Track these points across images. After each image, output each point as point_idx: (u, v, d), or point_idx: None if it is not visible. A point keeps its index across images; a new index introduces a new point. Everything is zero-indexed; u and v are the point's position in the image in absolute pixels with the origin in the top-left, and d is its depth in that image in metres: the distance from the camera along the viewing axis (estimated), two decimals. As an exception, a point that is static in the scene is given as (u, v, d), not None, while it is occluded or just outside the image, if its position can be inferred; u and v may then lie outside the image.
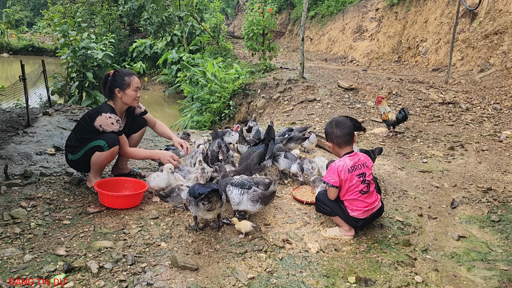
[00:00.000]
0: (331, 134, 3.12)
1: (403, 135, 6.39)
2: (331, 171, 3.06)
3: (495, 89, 8.86)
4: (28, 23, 36.77)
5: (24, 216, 3.16)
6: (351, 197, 3.07)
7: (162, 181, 3.52)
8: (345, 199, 3.11)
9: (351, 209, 3.08)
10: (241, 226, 3.03)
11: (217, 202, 2.90)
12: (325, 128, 3.21)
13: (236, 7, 30.63)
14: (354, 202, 3.07)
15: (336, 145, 3.13)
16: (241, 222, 3.06)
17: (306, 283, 2.54)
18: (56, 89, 9.82)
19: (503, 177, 4.73)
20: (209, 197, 2.82)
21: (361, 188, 3.05)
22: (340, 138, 3.08)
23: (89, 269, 2.52)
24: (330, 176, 3.05)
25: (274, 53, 11.22)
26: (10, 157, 4.44)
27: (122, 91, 3.67)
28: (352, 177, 3.03)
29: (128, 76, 3.69)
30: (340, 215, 3.10)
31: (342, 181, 3.03)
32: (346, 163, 3.04)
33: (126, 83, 3.67)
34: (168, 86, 15.75)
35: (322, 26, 19.67)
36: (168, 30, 15.95)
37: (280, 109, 8.38)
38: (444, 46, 11.91)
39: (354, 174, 3.04)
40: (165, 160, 3.77)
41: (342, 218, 3.11)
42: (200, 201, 2.83)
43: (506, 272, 2.82)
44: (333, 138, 3.11)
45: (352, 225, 3.11)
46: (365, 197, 3.08)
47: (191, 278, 2.51)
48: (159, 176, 3.53)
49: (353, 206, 3.07)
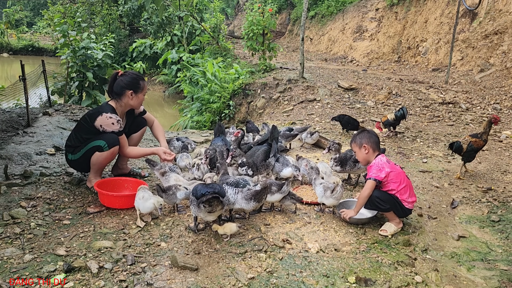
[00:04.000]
0: (370, 138, 3.42)
1: (403, 135, 6.39)
2: (374, 168, 3.30)
3: (495, 89, 8.86)
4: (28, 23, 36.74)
5: (24, 216, 3.16)
6: (403, 186, 3.27)
7: (145, 207, 3.20)
8: (399, 192, 3.28)
9: (406, 203, 3.30)
10: (226, 229, 3.00)
11: (218, 206, 2.89)
12: (358, 135, 3.49)
13: (236, 7, 30.60)
14: (406, 190, 3.29)
15: (371, 149, 3.41)
16: (225, 224, 3.03)
17: (306, 283, 2.54)
18: (56, 89, 9.81)
19: (503, 177, 4.73)
20: (210, 201, 2.82)
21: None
22: (376, 143, 3.42)
23: (89, 269, 2.52)
24: (372, 172, 3.29)
25: (274, 53, 11.22)
26: (10, 157, 4.44)
27: (135, 94, 3.69)
28: (393, 166, 3.33)
29: (142, 81, 3.75)
30: (394, 209, 3.28)
31: (388, 174, 3.26)
32: (382, 159, 3.34)
33: (141, 87, 3.72)
34: (168, 86, 15.75)
35: (322, 26, 19.66)
36: (168, 30, 15.95)
37: (280, 109, 8.38)
38: (444, 46, 11.91)
39: (392, 164, 3.37)
40: (161, 155, 3.78)
41: (395, 212, 3.29)
42: (201, 204, 2.83)
43: (506, 272, 2.82)
44: (372, 142, 3.40)
45: (404, 216, 3.37)
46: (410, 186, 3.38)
47: (191, 278, 2.52)
48: (145, 199, 3.21)
49: (406, 197, 3.29)
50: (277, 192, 3.35)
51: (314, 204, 3.70)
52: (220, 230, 3.01)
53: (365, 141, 3.41)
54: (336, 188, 3.42)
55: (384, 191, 3.30)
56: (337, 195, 3.42)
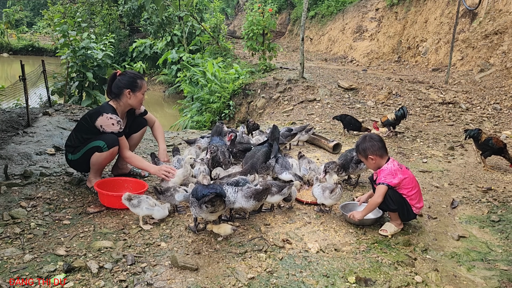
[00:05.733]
0: (373, 147, 3.29)
1: (403, 135, 6.39)
2: (385, 172, 3.23)
3: (495, 89, 8.86)
4: (28, 23, 36.74)
5: (24, 216, 3.16)
6: (414, 191, 3.25)
7: (164, 214, 3.28)
8: (410, 197, 3.25)
9: (415, 208, 3.29)
10: (220, 230, 2.99)
11: (220, 206, 2.90)
12: (360, 146, 3.36)
13: (236, 7, 30.58)
14: (417, 195, 3.27)
15: (378, 156, 3.30)
16: (221, 225, 3.02)
17: (306, 283, 2.54)
18: (56, 89, 9.81)
19: (503, 177, 4.73)
20: (213, 201, 2.82)
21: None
22: (381, 149, 3.30)
23: (89, 269, 2.52)
24: (384, 177, 3.22)
25: (274, 53, 11.22)
26: (10, 157, 4.44)
27: (133, 93, 3.69)
28: (405, 171, 3.28)
29: (140, 80, 3.74)
30: (400, 211, 3.26)
31: (402, 181, 3.21)
32: (394, 164, 3.28)
33: (138, 86, 3.71)
34: (168, 86, 15.75)
35: (322, 26, 19.66)
36: (168, 30, 15.94)
37: (280, 109, 8.38)
38: (444, 46, 11.91)
39: (404, 168, 3.31)
40: (160, 175, 3.68)
41: (400, 214, 3.27)
42: (203, 204, 2.82)
43: (506, 272, 2.82)
44: (376, 150, 3.29)
45: (407, 220, 3.36)
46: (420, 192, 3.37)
47: (191, 278, 2.51)
48: (163, 207, 3.28)
49: (416, 203, 3.27)
50: (277, 194, 3.35)
51: (314, 204, 3.70)
52: (215, 229, 3.00)
53: (370, 152, 3.31)
54: (335, 190, 3.42)
55: (396, 191, 3.25)
56: (336, 196, 3.42)
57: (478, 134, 4.98)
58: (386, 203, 3.23)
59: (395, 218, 3.32)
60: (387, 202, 3.22)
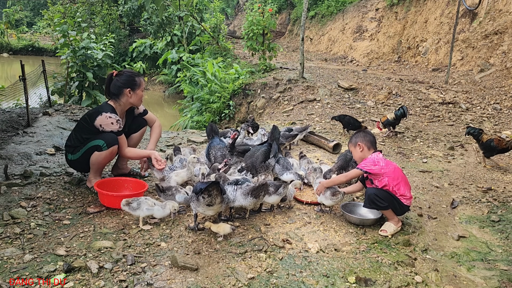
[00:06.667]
0: (365, 137, 3.50)
1: (403, 135, 6.39)
2: (367, 161, 3.38)
3: (495, 89, 8.85)
4: (28, 23, 36.72)
5: (24, 216, 3.16)
6: (397, 181, 3.29)
7: (164, 213, 3.26)
8: (395, 187, 3.29)
9: (404, 199, 3.32)
10: (219, 229, 2.99)
11: (217, 197, 2.89)
12: (353, 136, 3.58)
13: (236, 7, 30.59)
14: (402, 186, 3.31)
15: (366, 147, 3.47)
16: (220, 224, 3.02)
17: (306, 283, 2.54)
18: (56, 89, 9.82)
19: (503, 177, 4.73)
20: (209, 190, 2.82)
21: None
22: (371, 142, 3.50)
23: (89, 269, 2.52)
24: (364, 164, 3.37)
25: (274, 53, 11.21)
26: (10, 157, 4.44)
27: (133, 91, 3.70)
28: (389, 162, 3.38)
29: (138, 77, 3.75)
30: (392, 207, 3.29)
31: (382, 168, 3.30)
32: (378, 155, 3.41)
33: (137, 84, 3.72)
34: (168, 86, 15.74)
35: (322, 26, 19.66)
36: (168, 30, 15.94)
37: (280, 109, 8.38)
38: (444, 46, 11.90)
39: (388, 160, 3.42)
40: (154, 158, 3.73)
41: (394, 210, 3.30)
42: (201, 195, 2.83)
43: (506, 272, 2.82)
44: (366, 141, 3.49)
45: (402, 213, 3.37)
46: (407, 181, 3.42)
47: (191, 278, 2.52)
48: (164, 206, 3.27)
49: (404, 193, 3.30)
50: (274, 194, 3.35)
51: (314, 204, 3.70)
52: (214, 228, 3.00)
53: (360, 140, 3.49)
54: (337, 195, 3.43)
55: (381, 188, 3.30)
56: (337, 200, 3.44)
57: (479, 134, 4.99)
58: (376, 203, 3.25)
59: (391, 216, 3.33)
60: (376, 202, 3.25)
